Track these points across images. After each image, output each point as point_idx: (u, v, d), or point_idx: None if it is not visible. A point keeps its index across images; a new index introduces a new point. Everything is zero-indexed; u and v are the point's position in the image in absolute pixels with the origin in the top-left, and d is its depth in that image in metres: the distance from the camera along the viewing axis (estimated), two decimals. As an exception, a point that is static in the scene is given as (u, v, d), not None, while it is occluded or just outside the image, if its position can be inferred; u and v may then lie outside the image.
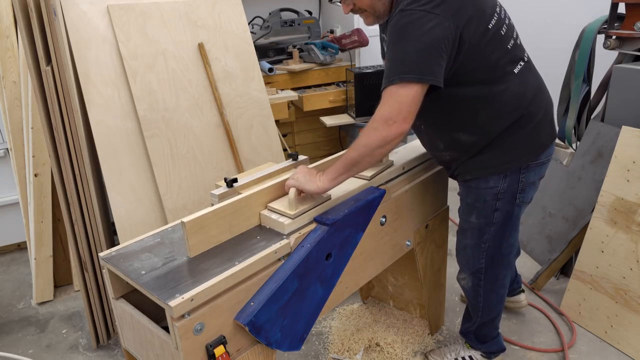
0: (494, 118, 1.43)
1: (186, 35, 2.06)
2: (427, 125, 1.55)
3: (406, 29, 1.25)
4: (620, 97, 2.07)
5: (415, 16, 1.24)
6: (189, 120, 2.02)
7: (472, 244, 1.64)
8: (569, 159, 2.37)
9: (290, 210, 1.31)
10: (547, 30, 2.93)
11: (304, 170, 1.36)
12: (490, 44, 1.34)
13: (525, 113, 1.44)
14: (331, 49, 3.30)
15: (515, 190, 1.51)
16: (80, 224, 1.95)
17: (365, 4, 1.39)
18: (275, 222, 1.31)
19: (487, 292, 1.71)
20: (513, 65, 1.40)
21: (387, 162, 1.60)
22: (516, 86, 1.41)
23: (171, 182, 1.95)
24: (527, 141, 1.46)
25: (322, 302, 1.37)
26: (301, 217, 1.32)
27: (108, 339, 2.12)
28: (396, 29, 1.27)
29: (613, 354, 1.92)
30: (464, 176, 1.55)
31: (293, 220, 1.30)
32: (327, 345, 2.03)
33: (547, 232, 2.46)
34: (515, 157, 1.47)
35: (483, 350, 1.84)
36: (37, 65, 1.83)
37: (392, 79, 1.25)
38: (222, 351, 1.13)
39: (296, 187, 1.32)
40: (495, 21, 1.34)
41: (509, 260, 1.68)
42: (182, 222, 1.20)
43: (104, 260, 1.23)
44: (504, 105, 1.41)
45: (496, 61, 1.37)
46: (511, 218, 1.57)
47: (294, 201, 1.31)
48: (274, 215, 1.32)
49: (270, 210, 1.36)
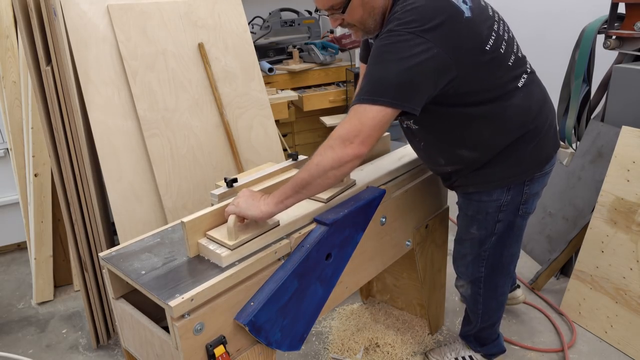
0: (498, 134, 1.38)
1: (186, 35, 2.06)
2: (427, 142, 1.50)
3: (391, 50, 1.18)
4: (620, 97, 2.07)
5: (402, 38, 1.17)
6: (189, 120, 2.02)
7: (472, 254, 1.61)
8: (569, 159, 2.37)
9: (230, 240, 1.18)
10: (547, 30, 2.93)
11: (246, 194, 1.23)
12: (489, 66, 1.28)
13: (532, 128, 1.39)
14: (331, 49, 3.30)
15: (519, 202, 1.48)
16: (80, 224, 1.95)
17: (355, 19, 1.30)
18: (213, 254, 1.18)
19: (487, 300, 1.69)
20: (516, 80, 1.35)
21: (348, 181, 1.45)
22: (521, 100, 1.36)
23: (171, 182, 1.95)
24: (533, 154, 1.42)
25: (322, 302, 1.37)
26: (243, 247, 1.19)
27: (108, 339, 2.12)
28: (381, 48, 1.20)
29: (613, 354, 1.91)
30: (466, 189, 1.50)
31: (232, 252, 1.17)
32: (327, 345, 2.03)
33: (547, 232, 2.46)
34: (520, 171, 1.43)
35: (483, 352, 1.84)
36: (37, 65, 1.83)
37: (363, 97, 1.17)
38: (222, 351, 1.13)
39: (236, 213, 1.20)
40: (493, 40, 1.27)
41: (509, 269, 1.66)
42: (182, 222, 1.20)
43: (104, 260, 1.23)
44: (508, 121, 1.36)
45: (497, 80, 1.31)
46: (513, 228, 1.53)
47: (232, 230, 1.18)
48: (212, 246, 1.20)
49: (209, 239, 1.23)
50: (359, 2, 1.26)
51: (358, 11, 1.28)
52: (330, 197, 1.36)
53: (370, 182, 1.49)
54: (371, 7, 1.28)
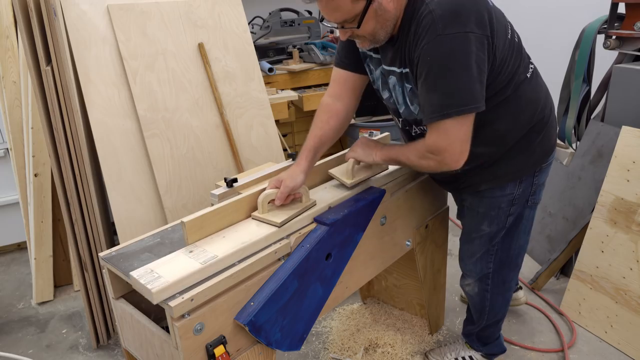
0: (512, 127, 1.39)
1: (186, 35, 2.06)
2: None
3: (454, 56, 1.17)
4: (620, 97, 2.07)
5: (458, 40, 1.16)
6: (189, 120, 2.02)
7: (481, 250, 1.61)
8: (569, 159, 2.37)
9: (348, 179, 1.47)
10: (547, 30, 2.93)
11: (364, 141, 1.49)
12: (512, 54, 1.31)
13: (541, 118, 1.42)
14: (331, 49, 3.30)
15: (528, 194, 1.50)
16: (80, 224, 1.95)
17: (367, 31, 1.27)
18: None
19: (494, 296, 1.69)
20: (526, 70, 1.38)
21: (307, 202, 1.40)
22: (530, 91, 1.38)
23: (171, 182, 1.95)
24: (542, 145, 1.44)
25: (322, 302, 1.37)
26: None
27: (108, 339, 2.12)
28: (441, 57, 1.18)
29: (613, 354, 1.91)
30: (478, 187, 1.50)
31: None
32: (327, 345, 2.03)
33: (547, 232, 2.46)
34: (532, 162, 1.45)
35: (484, 352, 1.84)
36: (37, 65, 1.83)
37: (448, 112, 1.19)
38: (222, 351, 1.13)
39: (355, 157, 1.46)
40: (511, 28, 1.31)
41: (517, 262, 1.66)
42: (182, 222, 1.20)
43: (104, 260, 1.23)
44: (520, 113, 1.38)
45: (515, 69, 1.33)
46: (522, 220, 1.55)
47: (351, 170, 1.47)
48: None
49: (332, 176, 1.52)
50: (372, 15, 1.23)
51: (370, 24, 1.25)
52: (283, 221, 1.29)
53: (331, 203, 1.43)
54: (384, 19, 1.25)
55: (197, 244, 1.22)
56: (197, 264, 1.12)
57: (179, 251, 1.20)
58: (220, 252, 1.17)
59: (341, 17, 1.23)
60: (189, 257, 1.16)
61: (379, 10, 1.23)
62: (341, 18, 1.23)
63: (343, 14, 1.21)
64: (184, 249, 1.20)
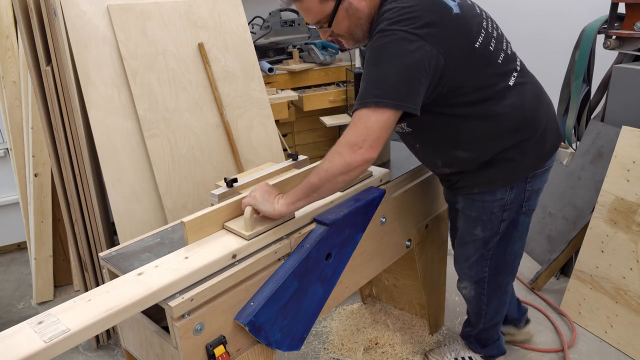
0: (494, 134, 1.37)
1: (186, 35, 2.06)
2: (422, 144, 1.50)
3: (385, 50, 1.18)
4: (620, 97, 2.07)
5: (395, 37, 1.17)
6: (189, 120, 2.02)
7: (476, 255, 1.60)
8: (569, 159, 2.37)
9: (246, 230, 1.23)
10: (547, 30, 2.93)
11: (263, 188, 1.27)
12: (479, 63, 1.28)
13: (529, 124, 1.39)
14: (331, 49, 3.30)
15: (522, 200, 1.48)
16: (80, 224, 1.95)
17: (342, 30, 1.32)
18: None
19: (491, 300, 1.68)
20: (506, 78, 1.35)
21: None
22: (514, 98, 1.35)
23: (171, 182, 1.95)
24: (534, 151, 1.42)
25: (322, 302, 1.37)
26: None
27: (108, 339, 2.12)
28: (375, 50, 1.20)
29: (613, 354, 1.91)
30: (471, 189, 1.49)
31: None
32: (327, 345, 2.03)
33: (547, 232, 2.46)
34: (522, 169, 1.43)
35: (483, 354, 1.84)
36: (37, 65, 1.83)
37: (365, 101, 1.17)
38: (222, 351, 1.13)
39: (252, 205, 1.24)
40: (482, 38, 1.28)
41: (513, 267, 1.65)
42: (182, 222, 1.20)
43: (104, 260, 1.23)
44: (502, 120, 1.36)
45: (488, 78, 1.31)
46: (516, 226, 1.53)
47: (249, 221, 1.22)
48: None
49: (227, 230, 1.27)
50: (344, 15, 1.28)
51: (344, 22, 1.30)
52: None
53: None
54: (356, 18, 1.29)
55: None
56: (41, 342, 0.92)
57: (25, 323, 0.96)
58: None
59: (314, 18, 1.30)
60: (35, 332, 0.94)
61: (350, 10, 1.27)
62: (314, 19, 1.31)
63: (315, 15, 1.29)
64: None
